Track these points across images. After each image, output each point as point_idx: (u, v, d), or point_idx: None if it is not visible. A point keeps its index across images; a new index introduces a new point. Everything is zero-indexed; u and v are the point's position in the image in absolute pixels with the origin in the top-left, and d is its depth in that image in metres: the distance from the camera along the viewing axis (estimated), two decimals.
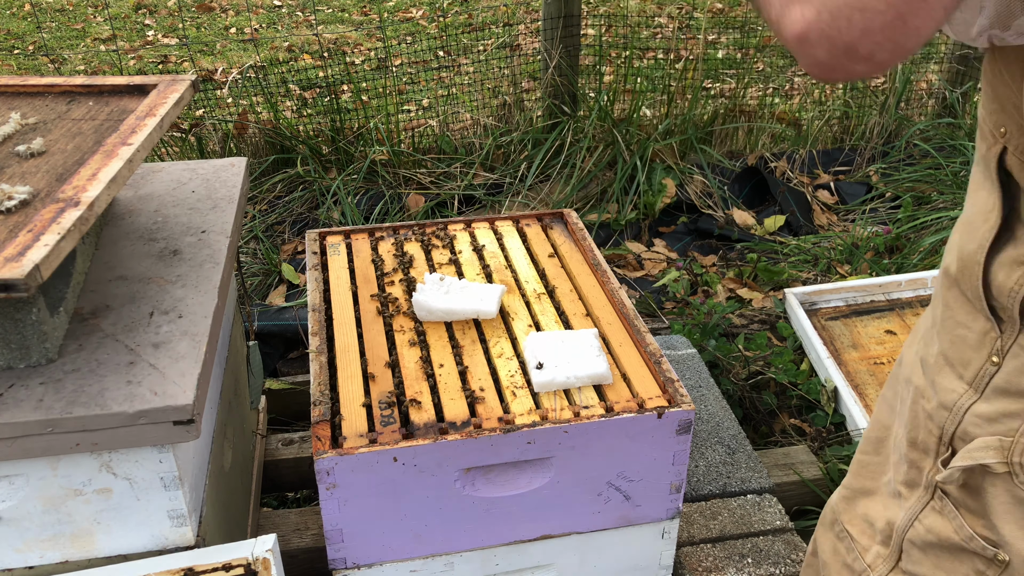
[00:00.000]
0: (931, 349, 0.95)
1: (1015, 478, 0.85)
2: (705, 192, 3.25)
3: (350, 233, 1.78)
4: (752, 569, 1.64)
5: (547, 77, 3.39)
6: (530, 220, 1.86)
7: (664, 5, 6.05)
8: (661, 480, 1.36)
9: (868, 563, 1.06)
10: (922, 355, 0.98)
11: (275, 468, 1.96)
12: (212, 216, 1.51)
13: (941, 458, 0.93)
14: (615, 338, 1.48)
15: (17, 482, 1.12)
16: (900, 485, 1.01)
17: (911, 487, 0.99)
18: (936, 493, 0.94)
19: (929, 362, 0.95)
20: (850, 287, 2.46)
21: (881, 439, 1.11)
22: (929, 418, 0.94)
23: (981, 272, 0.85)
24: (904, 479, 1.00)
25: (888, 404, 1.11)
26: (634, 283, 2.87)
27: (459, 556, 1.35)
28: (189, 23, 6.17)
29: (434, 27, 5.82)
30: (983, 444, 0.87)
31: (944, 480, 0.92)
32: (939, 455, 0.93)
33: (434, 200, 3.17)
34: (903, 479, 1.00)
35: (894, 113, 3.60)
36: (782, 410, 2.27)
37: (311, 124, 3.45)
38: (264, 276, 2.86)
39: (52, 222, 1.03)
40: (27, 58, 5.39)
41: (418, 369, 1.39)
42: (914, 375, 0.99)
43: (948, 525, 0.93)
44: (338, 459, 1.20)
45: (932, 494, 0.95)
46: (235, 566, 1.16)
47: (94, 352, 1.16)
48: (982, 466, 0.87)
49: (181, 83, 1.43)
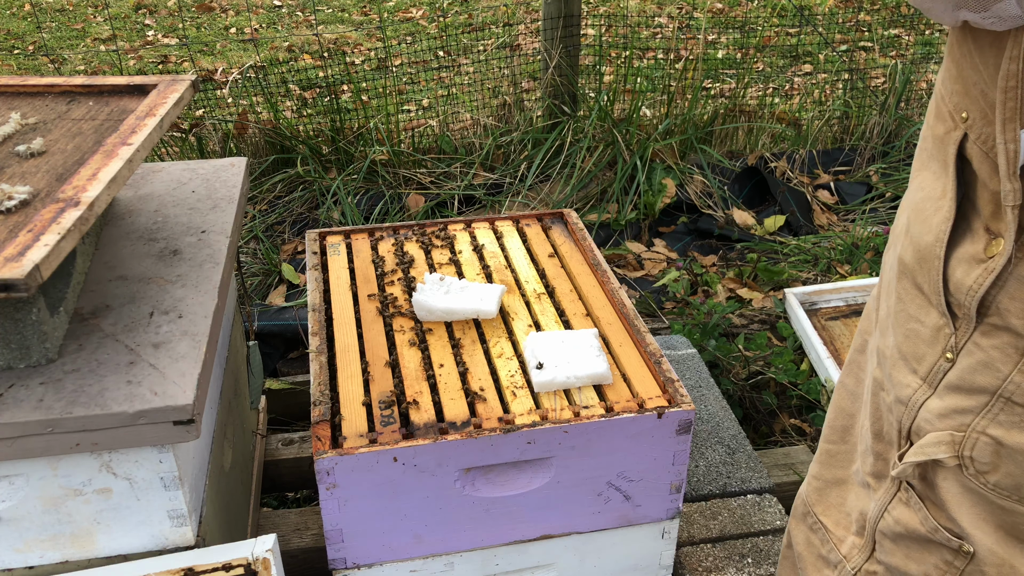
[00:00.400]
0: (887, 341, 0.94)
1: (965, 470, 0.85)
2: (705, 192, 3.25)
3: (350, 233, 1.78)
4: (752, 569, 1.64)
5: (547, 77, 3.39)
6: (530, 220, 1.86)
7: (664, 5, 6.05)
8: (661, 480, 1.36)
9: (844, 554, 1.06)
10: (879, 346, 0.97)
11: (275, 468, 1.96)
12: (212, 216, 1.51)
13: (900, 452, 0.92)
14: (615, 338, 1.48)
15: (17, 482, 1.12)
16: (868, 476, 1.00)
17: (879, 478, 0.98)
18: (902, 485, 0.94)
19: (886, 354, 0.94)
20: (850, 287, 2.46)
21: (846, 427, 1.10)
22: (889, 411, 0.94)
23: (941, 267, 0.83)
24: (871, 470, 1.00)
25: (849, 391, 1.10)
26: (634, 283, 2.87)
27: (459, 556, 1.35)
28: (189, 23, 6.17)
29: (434, 27, 5.82)
30: (935, 439, 0.86)
31: (899, 475, 0.92)
32: (900, 448, 0.93)
33: (434, 200, 3.17)
34: (870, 470, 1.00)
35: (894, 113, 3.60)
36: (782, 410, 2.27)
37: (311, 124, 3.45)
38: (264, 276, 2.86)
39: (52, 222, 1.03)
40: (27, 58, 5.39)
41: (418, 369, 1.39)
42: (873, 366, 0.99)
43: (915, 517, 0.93)
44: (338, 459, 1.20)
45: (899, 486, 0.95)
46: (235, 566, 1.16)
47: (94, 352, 1.16)
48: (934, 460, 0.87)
49: (181, 83, 1.43)
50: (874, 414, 0.98)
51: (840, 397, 1.11)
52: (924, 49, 4.36)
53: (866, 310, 1.08)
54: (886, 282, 0.97)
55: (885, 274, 0.98)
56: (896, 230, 0.96)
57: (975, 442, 0.83)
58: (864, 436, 1.01)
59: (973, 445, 0.83)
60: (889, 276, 0.95)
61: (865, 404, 1.02)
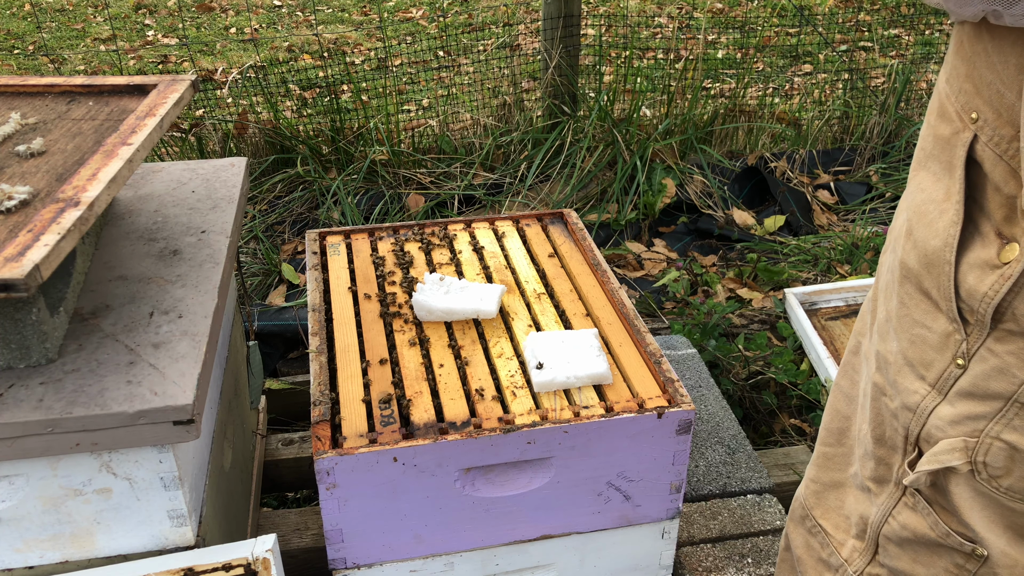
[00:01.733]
0: (889, 346, 0.92)
1: (977, 475, 0.84)
2: (705, 192, 3.25)
3: (350, 233, 1.78)
4: (752, 569, 1.64)
5: (547, 77, 3.39)
6: (530, 220, 1.86)
7: (664, 5, 6.05)
8: (661, 480, 1.36)
9: (845, 557, 1.05)
10: (879, 350, 0.95)
11: (275, 468, 1.96)
12: (212, 216, 1.51)
13: (908, 459, 0.91)
14: (615, 338, 1.48)
15: (17, 482, 1.12)
16: (868, 481, 0.99)
17: (880, 483, 0.97)
18: (908, 490, 0.93)
19: (888, 359, 0.92)
20: (850, 287, 2.46)
21: (843, 430, 1.09)
22: (894, 417, 0.92)
23: (952, 273, 0.81)
24: (872, 475, 0.98)
25: (844, 393, 1.08)
26: (634, 283, 2.87)
27: (459, 556, 1.35)
28: (189, 23, 6.17)
29: (434, 27, 5.82)
30: (948, 446, 0.85)
31: (912, 483, 0.90)
32: (906, 454, 0.91)
33: (434, 200, 3.17)
34: (871, 475, 0.99)
35: (894, 113, 3.60)
36: (782, 410, 2.27)
37: (311, 124, 3.45)
38: (264, 276, 2.86)
39: (52, 222, 1.03)
40: (27, 58, 5.39)
41: (418, 369, 1.39)
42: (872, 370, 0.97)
43: (923, 522, 0.92)
44: (338, 459, 1.20)
45: (904, 490, 0.94)
46: (235, 566, 1.16)
47: (94, 352, 1.16)
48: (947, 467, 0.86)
49: (181, 83, 1.43)
50: (875, 419, 0.96)
51: (836, 399, 1.10)
52: (924, 49, 4.36)
53: (861, 312, 1.06)
54: (884, 284, 0.95)
55: (883, 276, 0.96)
56: (894, 231, 0.94)
57: (988, 447, 0.82)
58: (863, 440, 1.00)
59: (987, 451, 0.82)
60: (888, 279, 0.93)
61: (863, 408, 1.01)
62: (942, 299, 0.83)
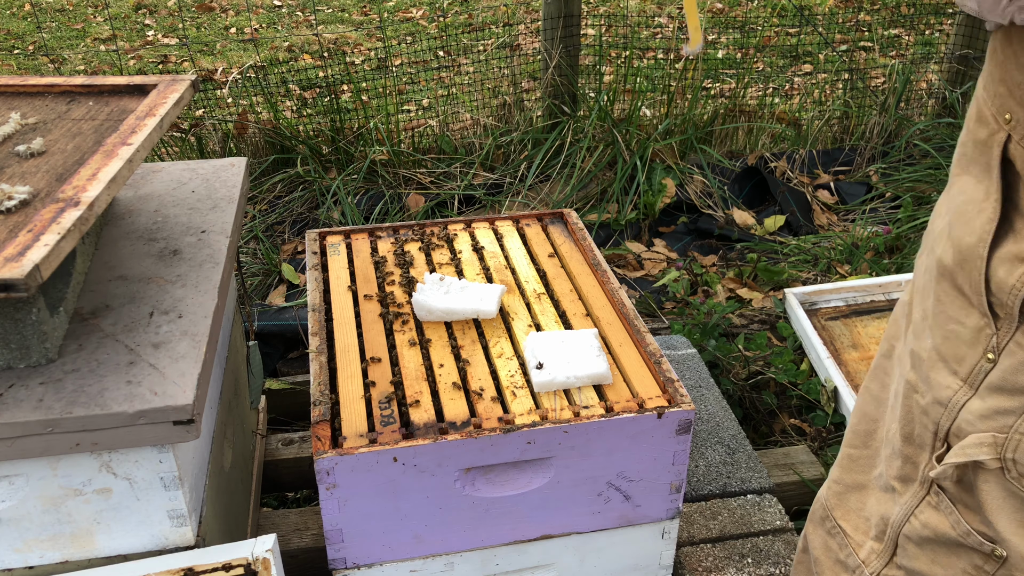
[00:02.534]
0: (923, 343, 0.94)
1: (1007, 473, 0.84)
2: (705, 192, 3.25)
3: (350, 233, 1.78)
4: (752, 569, 1.64)
5: (547, 77, 3.39)
6: (530, 220, 1.86)
7: (664, 5, 6.05)
8: (661, 480, 1.36)
9: (862, 559, 1.05)
10: (914, 348, 0.96)
11: (275, 468, 1.96)
12: (212, 216, 1.51)
13: (936, 453, 0.92)
14: (615, 338, 1.48)
15: (17, 482, 1.12)
16: (894, 480, 1.00)
17: (905, 482, 0.98)
18: (932, 488, 0.93)
19: (922, 356, 0.93)
20: (850, 287, 2.46)
21: (869, 432, 1.09)
22: (924, 413, 0.93)
23: (984, 267, 0.82)
24: (898, 474, 0.99)
25: (873, 396, 1.09)
26: (634, 283, 2.87)
27: (459, 556, 1.35)
28: (189, 23, 6.17)
29: (434, 27, 5.82)
30: (977, 440, 0.86)
31: (938, 476, 0.91)
32: (935, 450, 0.92)
33: (434, 200, 3.17)
34: (897, 474, 0.99)
35: (894, 113, 3.60)
36: (782, 410, 2.27)
37: (311, 124, 3.45)
38: (264, 276, 2.86)
39: (52, 222, 1.03)
40: (27, 58, 5.39)
41: (418, 369, 1.39)
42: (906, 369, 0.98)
43: (945, 520, 0.92)
44: (338, 459, 1.20)
45: (928, 489, 0.94)
46: (235, 566, 1.16)
47: (94, 352, 1.16)
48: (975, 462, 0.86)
49: (181, 83, 1.43)
50: (905, 417, 0.97)
51: (864, 402, 1.11)
52: (924, 49, 4.36)
53: (893, 316, 1.07)
54: (921, 286, 0.96)
55: (919, 278, 0.97)
56: (932, 233, 0.95)
57: (1017, 443, 0.82)
58: (891, 439, 1.00)
59: (1016, 447, 0.82)
60: (925, 279, 0.94)
61: (893, 408, 1.01)
62: (973, 293, 0.84)
